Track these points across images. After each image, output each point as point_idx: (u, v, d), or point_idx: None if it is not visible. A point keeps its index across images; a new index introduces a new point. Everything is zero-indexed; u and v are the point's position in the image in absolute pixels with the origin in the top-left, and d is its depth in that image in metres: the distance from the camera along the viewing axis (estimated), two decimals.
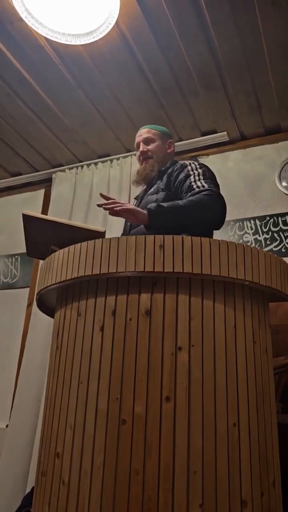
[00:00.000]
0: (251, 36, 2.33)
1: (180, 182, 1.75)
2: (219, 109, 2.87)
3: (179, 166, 1.83)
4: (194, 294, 1.24)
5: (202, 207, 1.54)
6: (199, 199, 1.56)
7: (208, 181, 1.70)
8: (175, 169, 1.83)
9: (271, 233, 2.84)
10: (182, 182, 1.74)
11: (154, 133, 2.02)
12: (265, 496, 1.18)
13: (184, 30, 2.31)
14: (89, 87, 2.72)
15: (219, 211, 1.61)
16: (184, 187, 1.71)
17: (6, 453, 2.72)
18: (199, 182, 1.68)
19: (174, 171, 1.83)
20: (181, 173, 1.78)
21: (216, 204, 1.59)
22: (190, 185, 1.68)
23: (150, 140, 2.00)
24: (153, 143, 2.00)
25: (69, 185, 3.45)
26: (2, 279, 3.58)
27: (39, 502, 1.27)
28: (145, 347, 1.19)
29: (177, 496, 1.08)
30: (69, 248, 1.36)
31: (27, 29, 2.33)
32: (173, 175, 1.82)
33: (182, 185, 1.73)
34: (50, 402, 1.36)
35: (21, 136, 3.21)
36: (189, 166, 1.79)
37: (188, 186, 1.69)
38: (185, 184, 1.71)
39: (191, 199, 1.56)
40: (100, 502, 1.11)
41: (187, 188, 1.69)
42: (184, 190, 1.70)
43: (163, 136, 2.04)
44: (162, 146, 2.01)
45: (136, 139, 2.05)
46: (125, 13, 2.22)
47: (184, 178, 1.75)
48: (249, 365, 1.25)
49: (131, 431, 1.13)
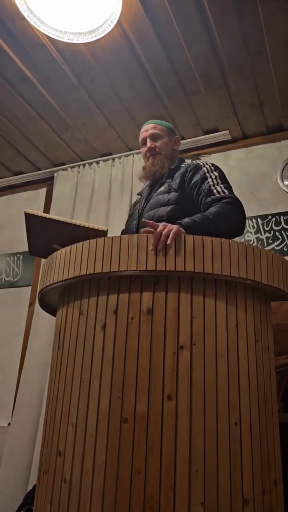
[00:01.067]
0: (253, 34, 2.33)
1: (196, 184, 1.73)
2: (221, 108, 2.86)
3: (193, 167, 1.80)
4: (196, 293, 1.24)
5: (228, 217, 1.55)
6: (224, 209, 1.56)
7: (226, 186, 1.70)
8: (189, 169, 1.80)
9: (273, 232, 2.84)
10: (199, 185, 1.71)
11: (160, 129, 1.96)
12: (266, 494, 1.18)
13: (186, 28, 2.30)
14: (91, 85, 2.72)
15: (242, 219, 1.62)
16: (202, 190, 1.69)
17: (8, 451, 2.73)
18: (219, 187, 1.67)
19: (188, 171, 1.79)
20: (196, 174, 1.76)
21: (238, 212, 1.60)
22: (210, 189, 1.67)
23: (158, 136, 1.95)
24: (161, 140, 1.95)
25: (71, 184, 3.45)
26: (4, 277, 3.58)
27: (41, 500, 1.27)
28: (147, 346, 1.19)
29: (178, 494, 1.08)
30: (71, 246, 1.36)
31: (29, 28, 2.33)
32: (187, 175, 1.79)
33: (199, 187, 1.71)
34: (52, 401, 1.36)
35: (23, 135, 3.21)
36: (204, 168, 1.77)
37: (208, 190, 1.67)
38: (203, 187, 1.69)
39: (217, 210, 1.55)
40: (102, 500, 1.11)
41: (206, 191, 1.67)
42: (202, 193, 1.68)
43: (170, 132, 2.00)
44: (169, 143, 1.97)
45: (141, 134, 2.00)
46: (127, 12, 2.22)
47: (200, 180, 1.72)
48: (251, 364, 1.25)
49: (132, 430, 1.13)
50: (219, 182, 1.70)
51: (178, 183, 1.79)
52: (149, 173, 1.93)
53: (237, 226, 1.61)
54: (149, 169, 1.93)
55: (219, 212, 1.54)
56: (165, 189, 1.83)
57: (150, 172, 1.92)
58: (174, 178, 1.84)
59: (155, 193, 1.88)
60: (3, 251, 3.69)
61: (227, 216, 1.55)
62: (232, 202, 1.60)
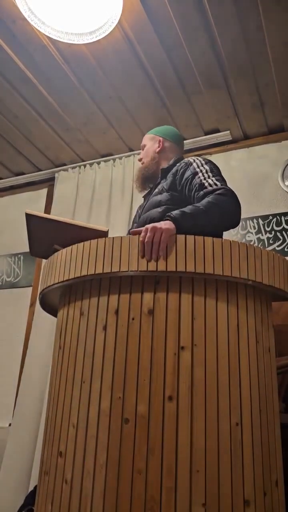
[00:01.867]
0: (254, 34, 2.33)
1: (187, 180, 1.71)
2: (222, 108, 2.86)
3: (183, 165, 1.79)
4: (197, 293, 1.24)
5: (221, 208, 1.50)
6: (217, 200, 1.51)
7: (218, 178, 1.66)
8: (179, 168, 1.79)
9: (274, 232, 2.84)
10: (190, 180, 1.69)
11: (146, 138, 2.07)
12: (268, 495, 1.18)
13: (187, 28, 2.30)
14: (92, 86, 2.72)
15: (236, 210, 1.56)
16: (194, 185, 1.66)
17: (9, 452, 2.73)
18: (210, 180, 1.63)
19: (179, 170, 1.78)
20: (186, 171, 1.74)
21: (232, 203, 1.55)
22: (201, 183, 1.64)
23: (142, 147, 2.06)
24: (143, 149, 2.05)
25: (71, 184, 3.45)
26: (5, 278, 3.58)
27: (42, 501, 1.27)
28: (148, 346, 1.19)
29: (180, 495, 1.08)
30: (72, 247, 1.36)
31: (30, 29, 2.33)
32: (178, 174, 1.78)
33: (191, 182, 1.68)
34: (52, 401, 1.36)
35: (23, 136, 3.21)
36: (194, 163, 1.74)
37: (199, 184, 1.64)
38: (194, 182, 1.67)
39: (210, 201, 1.51)
40: (103, 501, 1.11)
41: (198, 186, 1.64)
42: (194, 188, 1.65)
43: (154, 137, 2.03)
44: (151, 148, 2.02)
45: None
46: (128, 12, 2.22)
47: (191, 176, 1.70)
48: (252, 364, 1.25)
49: (133, 431, 1.13)
50: (210, 176, 1.66)
51: (169, 183, 1.79)
52: (136, 181, 2.03)
53: (232, 217, 1.55)
54: (136, 178, 2.04)
55: (212, 203, 1.49)
56: (158, 190, 1.85)
57: (136, 179, 2.03)
58: (167, 178, 1.85)
59: (151, 195, 1.90)
60: (4, 251, 3.69)
61: (220, 206, 1.50)
62: (225, 193, 1.55)
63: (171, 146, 2.02)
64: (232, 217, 1.56)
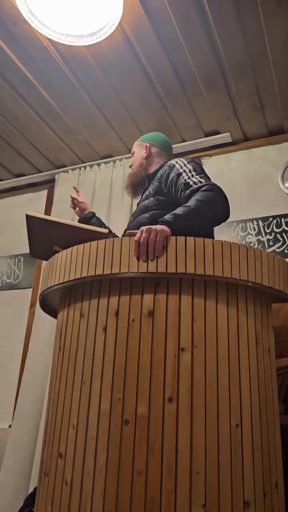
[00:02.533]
0: (254, 36, 2.33)
1: (172, 182, 1.72)
2: (222, 110, 2.87)
3: (167, 168, 1.81)
4: (197, 295, 1.24)
5: (210, 203, 1.52)
6: (204, 196, 1.52)
7: (202, 175, 1.67)
8: (163, 172, 1.81)
9: (274, 234, 2.84)
10: (175, 181, 1.71)
11: (135, 145, 2.11)
12: (267, 497, 1.18)
13: (187, 30, 2.31)
14: (92, 88, 2.73)
15: (224, 203, 1.58)
16: (179, 186, 1.67)
17: (9, 453, 2.73)
18: (194, 178, 1.64)
19: (163, 173, 1.80)
20: (171, 173, 1.75)
21: (219, 197, 1.56)
22: (186, 182, 1.65)
23: (132, 154, 2.11)
24: (134, 155, 2.09)
25: (72, 186, 3.45)
26: (5, 279, 3.58)
27: (42, 502, 1.27)
28: (148, 347, 1.19)
29: (179, 496, 1.08)
30: (72, 249, 1.36)
31: (31, 30, 2.34)
32: (162, 177, 1.80)
33: (176, 183, 1.70)
34: (53, 403, 1.36)
35: (24, 137, 3.21)
36: (177, 164, 1.76)
37: (184, 183, 1.65)
38: (179, 182, 1.68)
39: (198, 199, 1.52)
40: (103, 502, 1.11)
41: (183, 185, 1.65)
42: (179, 188, 1.67)
43: (142, 143, 2.08)
44: (139, 154, 2.06)
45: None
46: (129, 14, 2.23)
47: (176, 177, 1.71)
48: (252, 366, 1.25)
49: (133, 432, 1.13)
50: (194, 174, 1.67)
51: (155, 188, 1.82)
52: (127, 186, 2.08)
53: (222, 211, 1.57)
54: (126, 181, 2.09)
55: (200, 200, 1.50)
56: (145, 196, 1.89)
57: (127, 186, 2.08)
58: (153, 184, 1.88)
59: (140, 200, 1.96)
60: (4, 253, 3.69)
61: (209, 202, 1.51)
62: (210, 188, 1.56)
63: (158, 152, 2.05)
64: (222, 210, 1.57)
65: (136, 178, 2.02)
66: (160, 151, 2.05)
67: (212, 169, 3.19)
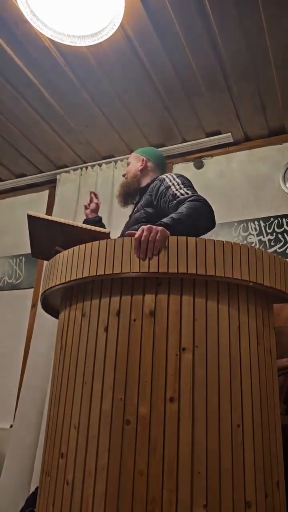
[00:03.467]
0: (256, 36, 2.33)
1: (161, 194, 1.82)
2: (223, 110, 2.87)
3: (157, 181, 1.90)
4: (198, 295, 1.24)
5: (197, 211, 1.62)
6: (191, 205, 1.62)
7: (189, 188, 1.78)
8: (154, 185, 1.91)
9: (275, 234, 2.84)
10: (164, 193, 1.80)
11: (132, 156, 2.19)
12: (269, 497, 1.18)
13: (188, 31, 2.31)
14: (94, 88, 2.73)
15: (210, 212, 1.68)
16: (168, 197, 1.77)
17: (11, 453, 2.73)
18: (182, 190, 1.75)
19: (154, 187, 1.90)
20: (160, 187, 1.85)
21: (205, 207, 1.66)
22: (174, 193, 1.75)
23: (128, 164, 2.19)
24: (129, 165, 2.17)
25: (73, 186, 3.45)
26: (6, 279, 3.59)
27: (43, 502, 1.28)
28: (149, 347, 1.19)
29: (181, 496, 1.08)
30: (74, 249, 1.36)
31: (32, 31, 2.34)
32: (153, 190, 1.89)
33: (165, 195, 1.80)
34: (54, 402, 1.36)
35: (25, 137, 3.22)
36: (167, 178, 1.86)
37: (172, 195, 1.76)
38: (168, 194, 1.78)
39: (187, 206, 1.61)
40: (104, 502, 1.11)
41: (171, 197, 1.75)
42: (168, 199, 1.76)
43: (139, 156, 2.16)
44: (134, 165, 2.14)
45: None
46: (130, 15, 2.23)
47: (165, 189, 1.81)
48: (253, 366, 1.25)
49: (135, 432, 1.13)
50: (182, 187, 1.78)
51: (146, 201, 1.91)
52: (118, 196, 2.14)
53: (209, 219, 1.68)
54: (118, 190, 2.15)
55: (191, 208, 1.60)
56: (137, 208, 1.97)
57: (119, 195, 2.13)
58: (143, 197, 1.97)
59: (132, 212, 2.03)
60: (5, 253, 3.70)
61: (196, 210, 1.62)
62: (197, 199, 1.67)
63: (153, 167, 2.14)
64: (208, 219, 1.68)
65: (129, 188, 2.10)
66: (154, 167, 2.15)
67: (213, 169, 3.20)
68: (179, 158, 3.26)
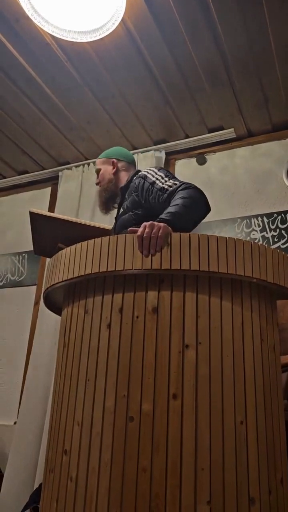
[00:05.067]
0: (258, 32, 2.32)
1: (148, 192, 1.75)
2: (226, 106, 2.85)
3: (140, 179, 1.83)
4: (201, 291, 1.24)
5: (193, 199, 1.56)
6: (185, 193, 1.57)
7: (174, 179, 1.73)
8: (138, 184, 1.83)
9: (278, 230, 2.83)
10: (150, 190, 1.74)
11: (99, 163, 2.10)
12: (273, 493, 1.18)
13: (190, 26, 2.30)
14: (95, 84, 2.72)
15: (203, 197, 1.62)
16: (156, 193, 1.71)
17: (14, 450, 2.74)
18: (169, 182, 1.69)
19: (138, 185, 1.82)
20: (145, 184, 1.78)
21: (197, 193, 1.61)
22: (161, 187, 1.69)
23: (97, 172, 2.09)
24: (99, 172, 2.08)
25: (75, 183, 3.45)
26: (9, 277, 3.59)
27: (47, 499, 1.28)
28: (152, 344, 1.19)
29: (184, 493, 1.08)
30: (76, 245, 1.36)
31: (33, 27, 2.33)
32: (138, 190, 1.81)
33: (152, 192, 1.73)
34: (57, 399, 1.36)
35: (27, 134, 3.21)
36: (149, 174, 1.80)
37: (159, 189, 1.69)
38: (154, 190, 1.72)
39: (180, 196, 1.56)
40: (108, 498, 1.11)
41: (159, 191, 1.69)
42: (157, 195, 1.70)
43: (107, 160, 2.09)
44: (106, 170, 2.06)
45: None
46: (131, 10, 2.22)
47: (150, 186, 1.75)
48: (257, 362, 1.25)
49: (138, 428, 1.13)
50: (166, 180, 1.72)
51: (132, 202, 1.83)
52: (99, 204, 2.08)
53: (204, 204, 1.62)
54: (98, 200, 2.09)
55: (185, 197, 1.55)
56: (123, 210, 1.89)
57: (99, 203, 2.08)
58: (126, 198, 1.90)
59: (118, 215, 1.94)
60: (8, 250, 3.70)
61: (193, 197, 1.56)
62: (187, 186, 1.62)
63: (125, 165, 2.08)
64: (203, 204, 1.62)
65: (108, 194, 2.03)
66: (126, 165, 2.09)
67: (216, 165, 3.19)
68: (182, 154, 3.25)
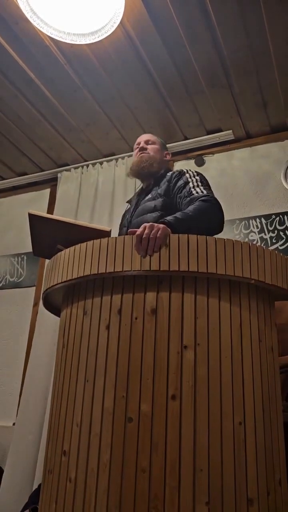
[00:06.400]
0: (257, 34, 2.32)
1: (179, 188, 1.83)
2: (224, 108, 2.86)
3: (177, 173, 1.91)
4: (199, 292, 1.24)
5: (206, 214, 1.62)
6: (201, 206, 1.63)
7: (206, 187, 1.80)
8: (173, 176, 1.91)
9: (276, 232, 2.83)
10: (182, 188, 1.82)
11: (155, 139, 2.15)
12: (271, 494, 1.18)
13: (189, 28, 2.30)
14: (94, 86, 2.73)
15: (219, 216, 1.68)
16: (184, 193, 1.79)
17: (13, 451, 2.74)
18: (198, 189, 1.77)
19: (173, 178, 1.90)
20: (180, 180, 1.86)
21: (215, 209, 1.67)
22: (190, 190, 1.77)
23: (152, 143, 2.12)
24: (153, 145, 2.11)
25: (74, 184, 3.46)
26: (8, 278, 3.59)
27: (46, 499, 1.28)
28: (151, 345, 1.19)
29: (183, 494, 1.08)
30: (75, 247, 1.36)
31: (32, 29, 2.34)
32: (172, 181, 1.89)
33: (181, 190, 1.81)
34: (56, 400, 1.37)
35: (26, 136, 3.22)
36: (187, 174, 1.87)
37: (188, 191, 1.77)
38: (185, 190, 1.80)
39: (195, 207, 1.61)
40: (107, 499, 1.11)
41: (186, 193, 1.77)
42: (183, 195, 1.78)
43: (163, 145, 2.16)
44: (160, 151, 2.11)
45: (137, 140, 2.17)
46: (130, 12, 2.22)
47: (183, 184, 1.83)
48: (255, 363, 1.25)
49: (137, 429, 1.14)
50: (199, 185, 1.80)
51: (164, 190, 1.90)
52: (138, 167, 2.03)
53: (216, 223, 1.67)
54: (137, 164, 2.04)
55: (197, 209, 1.60)
56: (151, 196, 1.93)
57: (139, 167, 2.03)
58: (160, 186, 1.94)
59: (142, 200, 1.97)
60: (7, 251, 3.70)
61: (205, 212, 1.62)
62: (209, 199, 1.68)
63: (167, 162, 2.16)
64: (217, 223, 1.68)
65: (150, 167, 2.01)
66: (167, 162, 2.17)
67: (214, 167, 3.19)
68: (180, 155, 3.26)
